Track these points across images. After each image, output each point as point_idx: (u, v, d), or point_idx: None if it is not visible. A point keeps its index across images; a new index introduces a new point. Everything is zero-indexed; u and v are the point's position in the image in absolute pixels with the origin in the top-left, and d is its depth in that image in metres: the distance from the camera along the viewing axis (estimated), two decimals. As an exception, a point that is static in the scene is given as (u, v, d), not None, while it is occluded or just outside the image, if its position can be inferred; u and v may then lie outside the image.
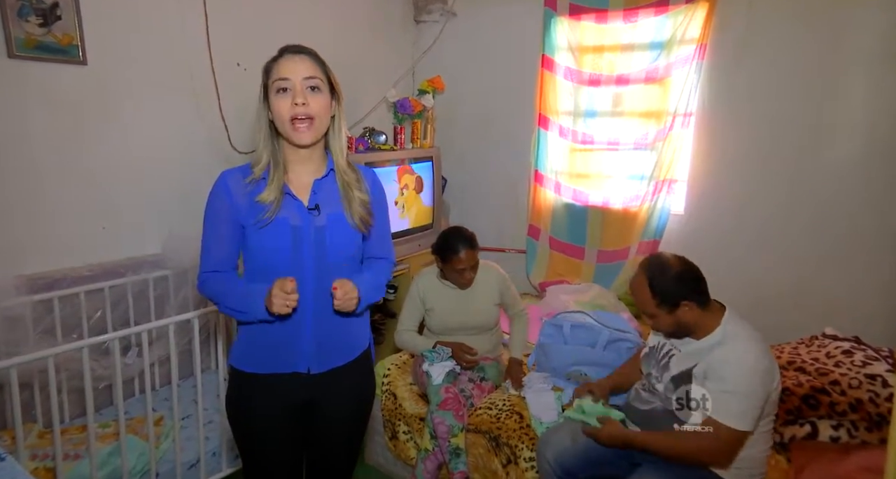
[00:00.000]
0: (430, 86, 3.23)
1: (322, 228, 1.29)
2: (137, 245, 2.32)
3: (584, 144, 3.10)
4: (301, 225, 1.28)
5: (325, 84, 1.27)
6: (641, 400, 1.73)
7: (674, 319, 1.58)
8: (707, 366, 1.53)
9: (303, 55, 1.26)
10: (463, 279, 2.14)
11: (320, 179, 1.33)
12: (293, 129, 1.24)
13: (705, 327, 1.58)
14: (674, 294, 1.55)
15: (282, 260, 1.27)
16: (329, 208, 1.31)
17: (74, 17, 2.04)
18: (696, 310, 1.56)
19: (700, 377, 1.54)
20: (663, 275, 1.58)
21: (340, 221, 1.31)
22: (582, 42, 3.00)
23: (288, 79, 1.23)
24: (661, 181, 2.80)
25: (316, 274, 1.29)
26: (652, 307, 1.59)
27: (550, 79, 3.12)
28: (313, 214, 1.29)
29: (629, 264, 2.93)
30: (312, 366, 1.34)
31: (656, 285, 1.57)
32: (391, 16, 3.44)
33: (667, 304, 1.56)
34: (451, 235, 2.16)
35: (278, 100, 1.24)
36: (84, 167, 2.14)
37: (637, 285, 1.62)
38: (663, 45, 2.72)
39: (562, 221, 3.23)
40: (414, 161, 3.12)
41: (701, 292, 1.58)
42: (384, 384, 2.30)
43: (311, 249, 1.28)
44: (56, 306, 2.00)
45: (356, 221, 1.32)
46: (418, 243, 3.19)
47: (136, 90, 2.25)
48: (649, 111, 2.85)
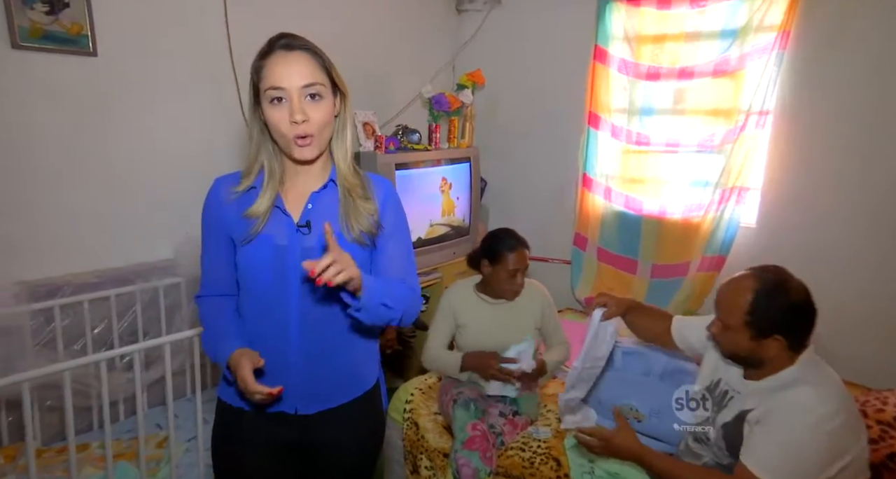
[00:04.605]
0: (469, 80, 2.98)
1: (311, 250, 1.09)
2: (149, 250, 2.17)
3: (638, 145, 2.79)
4: (287, 245, 1.10)
5: (327, 87, 1.07)
6: (692, 454, 1.47)
7: (751, 345, 1.29)
8: (765, 411, 1.26)
9: (298, 53, 1.05)
10: (513, 285, 1.90)
11: (317, 191, 1.14)
12: (294, 145, 1.06)
13: (775, 366, 1.30)
14: (774, 323, 1.26)
15: (262, 283, 1.11)
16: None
17: (84, 5, 1.90)
18: (782, 349, 1.27)
19: (753, 423, 1.28)
20: (775, 297, 1.27)
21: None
22: (640, 31, 2.68)
23: (282, 88, 1.03)
24: (729, 189, 2.46)
25: (302, 304, 1.11)
26: (737, 321, 1.29)
27: (603, 72, 2.82)
28: (303, 232, 1.11)
29: (689, 281, 2.60)
30: (300, 407, 1.17)
31: (762, 304, 1.27)
32: (430, 4, 3.20)
33: (759, 328, 1.27)
34: (501, 233, 1.95)
35: (273, 111, 1.05)
36: (93, 166, 2.01)
37: (737, 289, 1.31)
38: (736, 34, 2.37)
39: (612, 230, 2.92)
40: (450, 162, 2.88)
41: (803, 335, 1.28)
42: (406, 411, 2.07)
43: (298, 273, 1.08)
44: (57, 316, 1.87)
45: (355, 235, 1.10)
46: (453, 251, 2.96)
47: (150, 84, 2.10)
48: (717, 109, 2.51)
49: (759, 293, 1.27)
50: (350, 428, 1.22)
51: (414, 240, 2.75)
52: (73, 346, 1.92)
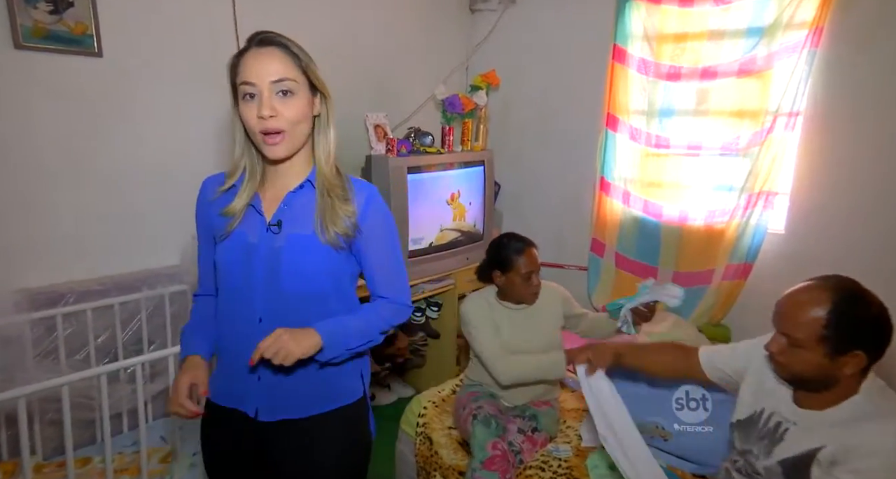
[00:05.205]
0: (483, 81, 2.90)
1: (278, 250, 1.09)
2: (154, 256, 2.11)
3: (658, 147, 2.69)
4: (257, 243, 1.10)
5: (300, 84, 1.05)
6: None
7: (824, 364, 1.15)
8: (842, 451, 1.12)
9: (271, 48, 1.03)
10: (529, 288, 1.81)
11: (293, 191, 1.13)
12: (264, 142, 1.05)
13: (841, 392, 1.17)
14: (855, 338, 1.13)
15: (233, 282, 1.12)
16: (295, 227, 1.10)
17: (89, 4, 1.85)
18: (859, 367, 1.14)
19: (826, 464, 1.14)
20: (855, 308, 1.13)
21: (306, 244, 1.09)
22: (661, 29, 2.58)
23: (253, 83, 1.02)
24: (756, 193, 2.35)
25: (266, 305, 1.09)
26: (810, 337, 1.15)
27: (622, 73, 2.72)
28: (273, 231, 1.10)
29: (714, 289, 2.49)
30: (262, 411, 1.13)
31: (843, 318, 1.13)
32: (443, 4, 3.13)
33: (836, 344, 1.13)
34: (505, 239, 1.87)
35: (245, 107, 1.04)
36: (97, 169, 1.95)
37: (808, 301, 1.17)
38: (763, 31, 2.27)
39: (631, 236, 2.82)
40: (463, 165, 2.80)
41: (882, 351, 1.15)
42: (419, 425, 1.99)
43: (264, 273, 1.09)
44: (59, 325, 1.81)
45: (330, 237, 1.08)
46: (465, 257, 2.87)
47: (156, 85, 2.05)
48: (742, 110, 2.41)
49: (838, 305, 1.14)
50: (322, 444, 1.14)
51: (425, 246, 2.69)
52: (76, 356, 1.85)
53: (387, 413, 2.79)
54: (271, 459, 1.15)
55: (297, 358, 0.99)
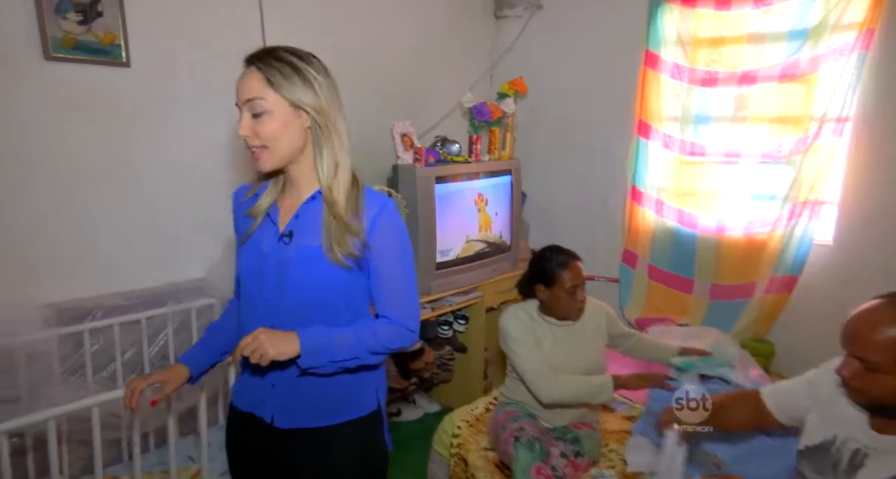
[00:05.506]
0: (511, 89, 2.83)
1: (287, 261, 1.09)
2: (182, 269, 2.07)
3: (693, 155, 2.60)
4: (268, 253, 1.12)
5: (273, 102, 1.02)
6: None
7: None
8: None
9: (250, 68, 1.04)
10: (575, 303, 1.73)
11: (306, 202, 1.12)
12: (251, 155, 1.07)
13: None
14: None
15: (247, 288, 1.14)
16: (305, 239, 1.09)
17: (118, 14, 1.82)
18: None
19: None
20: None
21: (314, 256, 1.08)
22: (696, 33, 2.50)
23: (237, 102, 1.05)
24: (801, 203, 2.25)
25: (276, 313, 1.09)
26: (886, 360, 1.07)
27: (654, 79, 2.64)
28: (283, 242, 1.11)
29: (756, 303, 2.38)
30: (277, 418, 1.13)
31: None
32: (468, 11, 3.08)
33: None
34: (548, 252, 1.78)
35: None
36: (124, 181, 1.92)
37: (882, 322, 1.09)
38: (808, 34, 2.18)
39: (664, 247, 2.72)
40: (489, 175, 2.73)
41: None
42: (453, 445, 1.91)
43: (272, 281, 1.10)
44: (86, 341, 1.77)
45: (335, 256, 1.05)
46: (493, 269, 2.80)
47: (184, 95, 2.02)
48: (784, 116, 2.31)
49: None
50: (336, 455, 1.14)
51: (451, 259, 2.62)
52: (102, 373, 1.81)
53: (413, 430, 2.71)
54: (287, 465, 1.16)
55: (271, 359, 0.99)
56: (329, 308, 1.09)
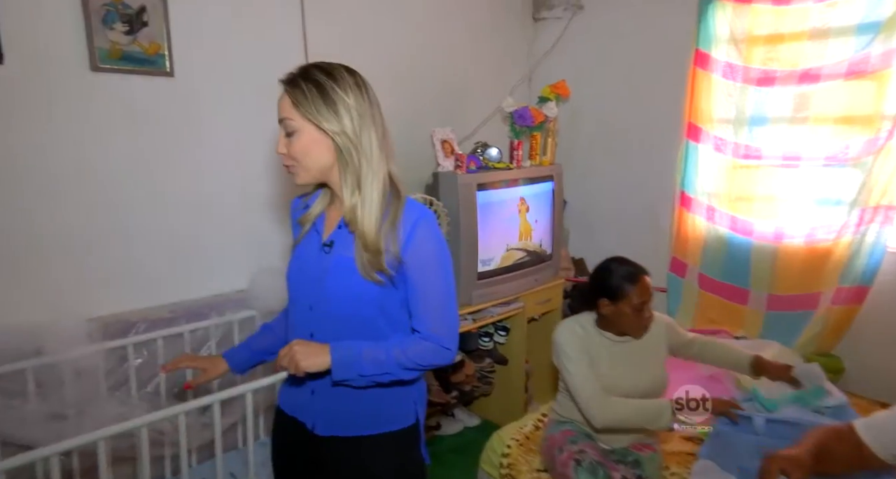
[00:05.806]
0: (553, 92, 2.74)
1: (325, 271, 1.11)
2: (224, 280, 2.04)
3: (748, 159, 2.47)
4: (311, 261, 1.15)
5: (301, 122, 1.05)
6: None
7: None
8: None
9: (285, 87, 1.07)
10: (641, 320, 1.61)
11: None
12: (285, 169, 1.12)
13: None
14: None
15: (293, 295, 1.17)
16: (343, 250, 1.10)
17: (163, 23, 1.80)
18: None
19: None
20: None
21: (347, 268, 1.08)
22: (751, 31, 2.38)
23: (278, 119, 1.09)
24: (872, 208, 2.11)
25: (316, 321, 1.11)
26: None
27: (705, 79, 2.53)
28: (325, 251, 1.13)
29: (821, 315, 2.24)
30: (318, 425, 1.15)
31: None
32: (506, 13, 3.01)
33: None
34: (613, 264, 1.66)
35: None
36: (167, 192, 1.90)
37: None
38: (879, 27, 2.04)
39: (716, 255, 2.59)
40: (529, 181, 2.64)
41: None
42: (503, 466, 1.82)
43: (313, 289, 1.12)
44: (131, 355, 1.74)
45: (368, 273, 1.05)
46: (534, 278, 2.71)
47: (228, 105, 1.99)
48: (851, 116, 2.18)
49: None
50: (368, 465, 1.15)
51: (492, 268, 2.54)
52: (146, 388, 1.78)
53: (452, 444, 2.64)
54: (326, 472, 1.17)
55: (304, 370, 1.02)
56: (365, 320, 1.10)
